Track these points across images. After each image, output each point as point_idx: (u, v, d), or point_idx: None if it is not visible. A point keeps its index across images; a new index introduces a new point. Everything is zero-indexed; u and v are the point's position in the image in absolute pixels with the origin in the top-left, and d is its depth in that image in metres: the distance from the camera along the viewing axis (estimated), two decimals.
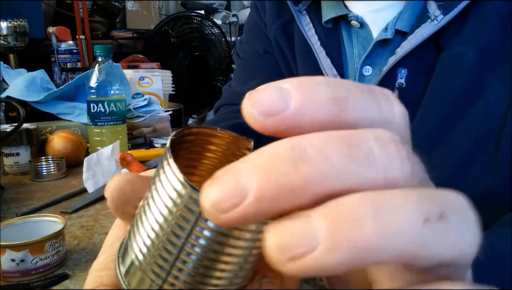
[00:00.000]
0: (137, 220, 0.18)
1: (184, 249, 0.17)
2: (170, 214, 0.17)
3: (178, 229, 0.16)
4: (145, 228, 0.18)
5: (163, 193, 0.17)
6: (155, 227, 0.17)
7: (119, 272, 0.19)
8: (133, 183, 0.21)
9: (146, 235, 0.17)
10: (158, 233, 0.17)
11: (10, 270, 0.47)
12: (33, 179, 0.84)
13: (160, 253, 0.17)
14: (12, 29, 1.46)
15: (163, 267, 0.17)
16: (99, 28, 2.17)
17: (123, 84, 0.97)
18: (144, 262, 0.18)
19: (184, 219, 0.16)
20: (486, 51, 0.47)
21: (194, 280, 0.17)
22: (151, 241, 0.17)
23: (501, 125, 0.47)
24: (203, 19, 2.23)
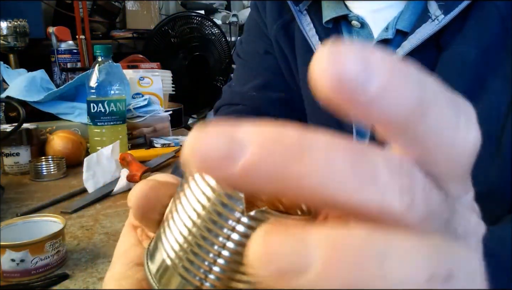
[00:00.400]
0: (169, 220, 0.18)
1: (220, 247, 0.16)
2: (204, 211, 0.17)
3: (213, 225, 0.16)
4: (178, 227, 0.18)
5: (197, 191, 0.17)
6: (188, 225, 0.17)
7: (149, 272, 0.19)
8: (156, 190, 0.20)
9: (178, 233, 0.17)
10: (192, 231, 0.17)
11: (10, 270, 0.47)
12: (33, 179, 0.84)
13: (194, 251, 0.17)
14: (12, 29, 1.46)
15: (197, 265, 0.17)
16: (99, 28, 2.17)
17: (123, 84, 0.97)
18: (177, 261, 0.18)
19: (220, 216, 0.16)
20: (487, 51, 0.47)
21: (228, 277, 0.17)
22: (184, 239, 0.17)
23: (502, 125, 0.47)
24: (203, 19, 2.23)
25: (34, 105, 1.06)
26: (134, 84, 1.21)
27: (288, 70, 0.66)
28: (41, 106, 1.07)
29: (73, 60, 1.60)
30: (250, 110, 0.65)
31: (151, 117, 1.14)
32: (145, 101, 1.16)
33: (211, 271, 0.17)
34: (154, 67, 1.46)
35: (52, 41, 1.57)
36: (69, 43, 1.61)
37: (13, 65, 1.51)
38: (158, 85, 1.26)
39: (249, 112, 0.65)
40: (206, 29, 2.23)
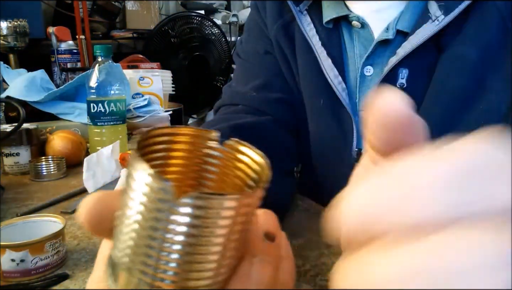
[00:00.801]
0: (118, 225, 0.19)
1: (165, 241, 0.17)
2: (146, 210, 0.17)
3: (155, 222, 0.17)
4: (126, 230, 0.18)
5: (136, 192, 0.17)
6: (134, 227, 0.18)
7: (110, 277, 0.19)
8: (104, 200, 0.21)
9: (128, 237, 0.18)
10: (139, 232, 0.17)
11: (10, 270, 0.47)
12: (33, 179, 0.84)
13: (143, 251, 0.17)
14: (12, 29, 1.46)
15: (149, 264, 0.17)
16: (99, 28, 2.17)
17: (123, 84, 0.97)
18: (130, 263, 0.18)
19: (159, 211, 0.17)
20: (487, 51, 0.47)
21: (181, 270, 0.17)
22: (134, 242, 0.18)
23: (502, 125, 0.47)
24: (203, 19, 2.23)
25: (34, 105, 1.06)
26: (134, 84, 1.21)
27: (288, 70, 0.66)
28: (41, 106, 1.07)
29: (73, 60, 1.60)
30: (250, 110, 0.65)
31: (151, 117, 1.14)
32: (145, 101, 1.16)
33: (166, 269, 0.17)
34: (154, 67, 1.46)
35: (52, 41, 1.57)
36: (69, 43, 1.61)
37: (13, 65, 1.51)
38: (158, 85, 1.26)
39: (249, 112, 0.65)
40: (206, 29, 2.23)
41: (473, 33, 0.48)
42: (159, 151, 0.22)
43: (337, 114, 0.61)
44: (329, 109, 0.61)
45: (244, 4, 2.67)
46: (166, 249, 0.17)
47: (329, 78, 0.58)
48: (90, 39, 1.81)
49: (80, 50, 1.69)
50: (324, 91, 0.61)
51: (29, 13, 1.59)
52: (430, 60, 0.51)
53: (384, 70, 0.53)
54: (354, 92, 0.59)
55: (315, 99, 0.62)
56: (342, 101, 0.58)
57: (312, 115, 0.65)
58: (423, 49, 0.50)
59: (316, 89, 0.62)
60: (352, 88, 0.59)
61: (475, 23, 0.48)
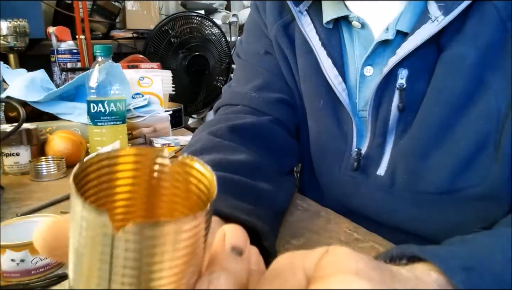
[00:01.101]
0: (70, 255, 0.19)
1: (113, 272, 0.17)
2: (90, 243, 0.17)
3: (101, 254, 0.17)
4: (75, 265, 0.18)
5: (78, 227, 0.18)
6: (84, 261, 0.18)
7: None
8: (58, 227, 0.21)
9: (79, 272, 0.18)
10: (88, 263, 0.18)
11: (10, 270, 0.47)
12: (33, 179, 0.84)
13: (96, 282, 0.18)
14: (12, 29, 1.46)
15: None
16: (99, 28, 2.17)
17: (123, 84, 0.97)
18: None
19: (102, 244, 0.17)
20: (487, 51, 0.47)
21: None
22: (86, 273, 0.18)
23: (501, 126, 0.47)
24: (203, 19, 2.23)
25: (34, 105, 1.06)
26: (134, 84, 1.21)
27: (288, 71, 0.66)
28: (41, 106, 1.07)
29: (73, 60, 1.60)
30: (250, 110, 0.65)
31: (151, 117, 1.14)
32: (145, 101, 1.15)
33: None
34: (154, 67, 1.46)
35: (52, 41, 1.57)
36: (69, 43, 1.61)
37: (13, 65, 1.51)
38: (158, 85, 1.26)
39: (249, 112, 0.65)
40: (206, 29, 2.23)
41: (472, 34, 0.48)
42: (102, 180, 0.22)
43: (337, 114, 0.61)
44: (329, 109, 0.61)
45: (244, 4, 2.66)
46: (117, 280, 0.17)
47: (329, 78, 0.58)
48: (90, 39, 1.81)
49: (80, 50, 1.69)
50: (324, 91, 0.61)
51: (29, 13, 1.59)
52: (429, 60, 0.51)
53: (383, 71, 0.53)
54: (354, 92, 0.59)
55: (315, 99, 0.62)
56: (342, 101, 0.58)
57: (312, 115, 0.65)
58: (423, 49, 0.50)
59: (316, 89, 0.62)
60: (352, 88, 0.59)
61: (475, 23, 0.48)
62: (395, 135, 0.55)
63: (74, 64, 1.60)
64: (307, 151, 0.68)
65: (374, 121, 0.56)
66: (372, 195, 0.58)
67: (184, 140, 1.10)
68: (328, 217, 0.58)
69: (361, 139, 0.59)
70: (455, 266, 0.27)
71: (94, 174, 0.22)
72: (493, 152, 0.47)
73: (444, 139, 0.50)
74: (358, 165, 0.58)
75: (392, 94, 0.54)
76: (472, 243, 0.32)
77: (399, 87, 0.53)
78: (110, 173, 0.23)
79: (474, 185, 0.48)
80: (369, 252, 0.48)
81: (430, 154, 0.51)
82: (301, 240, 0.50)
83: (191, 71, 2.19)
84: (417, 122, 0.52)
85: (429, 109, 0.51)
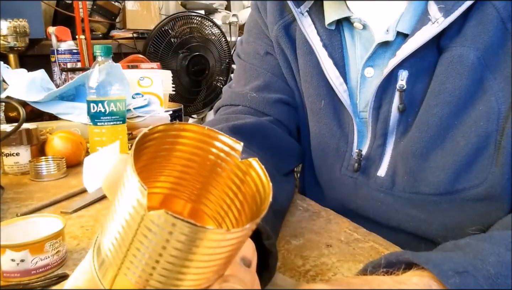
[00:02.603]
0: (108, 217, 0.19)
1: (131, 247, 0.18)
2: (131, 220, 0.18)
3: (140, 236, 0.17)
4: (112, 227, 0.19)
5: (124, 195, 0.18)
6: (119, 230, 0.18)
7: (93, 264, 0.20)
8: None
9: (113, 235, 0.19)
10: (123, 236, 0.18)
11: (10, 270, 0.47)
12: (33, 179, 0.84)
13: (128, 255, 0.18)
14: (12, 29, 1.46)
15: (136, 265, 0.18)
16: (99, 28, 2.17)
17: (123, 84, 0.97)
18: (111, 256, 0.19)
19: (132, 219, 0.17)
20: (487, 52, 0.47)
21: (146, 273, 0.18)
22: (117, 242, 0.18)
23: (501, 126, 0.47)
24: (203, 19, 2.23)
25: (34, 105, 1.06)
26: (134, 84, 1.21)
27: (289, 71, 0.66)
28: (41, 106, 1.07)
29: (73, 60, 1.60)
30: (250, 110, 0.65)
31: (151, 117, 1.14)
32: (145, 101, 1.15)
33: (134, 266, 0.18)
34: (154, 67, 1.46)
35: (52, 41, 1.57)
36: (69, 43, 1.61)
37: (13, 65, 1.51)
38: (158, 85, 1.26)
39: (249, 112, 0.65)
40: (206, 29, 2.23)
41: (472, 35, 0.48)
42: (161, 150, 0.22)
43: (338, 115, 0.61)
44: (330, 109, 0.61)
45: (244, 4, 2.67)
46: (131, 255, 0.17)
47: (330, 79, 0.58)
48: (90, 39, 1.81)
49: (80, 50, 1.69)
50: (325, 92, 0.61)
51: (29, 13, 1.59)
52: (429, 62, 0.51)
53: (383, 72, 0.53)
54: (354, 93, 0.59)
55: (316, 100, 0.62)
56: (343, 102, 0.59)
57: (312, 116, 0.65)
58: (423, 51, 0.50)
59: (317, 90, 0.62)
60: (353, 89, 0.59)
61: (475, 24, 0.48)
62: (396, 136, 0.55)
63: (74, 64, 1.60)
64: (307, 152, 0.68)
65: (374, 122, 0.56)
66: (372, 196, 0.58)
67: None
68: (328, 217, 0.58)
69: (362, 140, 0.59)
70: (448, 270, 0.28)
71: (154, 141, 0.22)
72: (493, 153, 0.47)
73: (444, 140, 0.50)
74: (359, 166, 0.58)
75: (393, 95, 0.54)
76: (466, 247, 0.32)
77: (399, 88, 0.53)
78: (168, 149, 0.22)
79: (474, 186, 0.48)
80: (369, 252, 0.48)
81: (430, 155, 0.51)
82: (301, 240, 0.50)
83: (191, 71, 2.19)
84: (417, 123, 0.52)
85: (429, 110, 0.51)
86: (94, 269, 0.20)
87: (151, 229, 0.17)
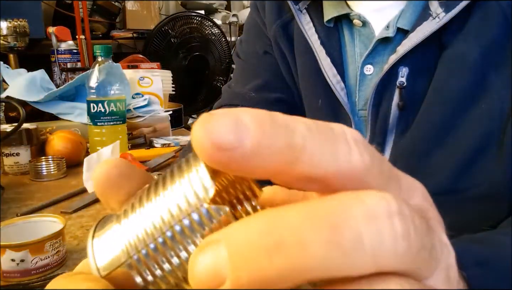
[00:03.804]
0: (136, 206, 0.18)
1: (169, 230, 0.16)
2: (173, 202, 0.16)
3: (188, 230, 0.16)
4: (146, 217, 0.17)
5: (182, 180, 0.16)
6: (154, 219, 0.16)
7: (92, 254, 0.18)
8: (120, 168, 0.20)
9: (146, 223, 0.17)
10: (157, 227, 0.16)
11: (10, 270, 0.47)
12: (33, 179, 0.84)
13: (156, 246, 0.16)
14: (12, 29, 1.46)
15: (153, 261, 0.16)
16: (99, 28, 2.17)
17: (123, 84, 0.97)
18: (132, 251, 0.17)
19: (185, 204, 0.16)
20: (490, 49, 0.47)
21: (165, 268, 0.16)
22: (151, 231, 0.17)
23: (504, 125, 0.46)
24: (203, 19, 2.23)
25: (34, 105, 1.06)
26: (134, 84, 1.21)
27: (287, 70, 0.66)
28: (41, 106, 1.07)
29: (73, 60, 1.60)
30: None
31: (151, 117, 1.14)
32: (145, 101, 1.16)
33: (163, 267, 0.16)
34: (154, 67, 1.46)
35: (52, 41, 1.57)
36: (69, 43, 1.61)
37: (13, 65, 1.51)
38: (158, 85, 1.26)
39: None
40: (206, 29, 2.23)
41: (475, 32, 0.48)
42: None
43: (336, 114, 0.61)
44: (328, 108, 0.61)
45: (244, 4, 2.67)
46: (164, 239, 0.16)
47: (327, 77, 0.58)
48: (90, 39, 1.81)
49: (80, 50, 1.69)
50: (323, 91, 0.61)
51: (29, 13, 1.59)
52: (431, 59, 0.51)
53: (383, 69, 0.53)
54: (353, 92, 0.59)
55: (314, 99, 0.62)
56: (340, 101, 0.58)
57: (311, 115, 0.64)
58: (424, 47, 0.50)
59: (314, 89, 0.62)
60: (351, 88, 0.59)
61: (478, 21, 0.47)
62: (395, 134, 0.55)
63: (74, 64, 1.60)
64: None
65: (374, 120, 0.56)
66: None
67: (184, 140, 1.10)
68: None
69: None
70: (468, 259, 0.27)
71: None
72: (496, 151, 0.47)
73: (445, 138, 0.50)
74: None
75: (392, 93, 0.53)
76: (483, 240, 0.32)
77: (399, 85, 0.52)
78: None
79: (476, 185, 0.48)
80: None
81: (431, 154, 0.51)
82: None
83: (191, 71, 2.19)
84: (418, 121, 0.52)
85: (430, 108, 0.50)
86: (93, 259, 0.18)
87: (201, 221, 0.16)
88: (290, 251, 0.12)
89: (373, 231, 0.12)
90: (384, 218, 0.13)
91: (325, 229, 0.12)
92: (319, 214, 0.13)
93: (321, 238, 0.12)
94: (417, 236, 0.13)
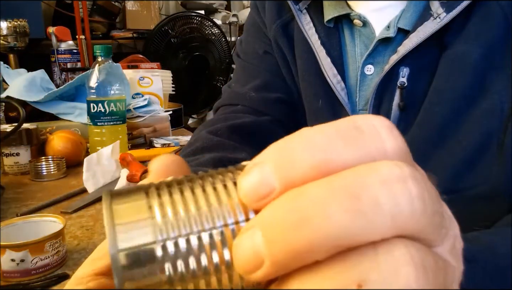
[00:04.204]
0: (176, 192, 0.17)
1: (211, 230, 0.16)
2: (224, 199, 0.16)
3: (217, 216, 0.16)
4: (189, 192, 0.17)
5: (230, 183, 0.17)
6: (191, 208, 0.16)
7: (112, 224, 0.16)
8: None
9: (179, 210, 0.16)
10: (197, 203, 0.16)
11: (10, 270, 0.47)
12: (33, 179, 0.84)
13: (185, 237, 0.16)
14: (12, 29, 1.46)
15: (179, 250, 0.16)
16: (99, 28, 2.17)
17: (123, 84, 0.97)
18: (163, 235, 0.16)
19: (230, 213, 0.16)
20: (490, 49, 0.47)
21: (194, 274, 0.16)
22: (181, 218, 0.16)
23: (505, 125, 0.46)
24: (203, 19, 2.23)
25: (34, 105, 1.06)
26: (134, 84, 1.21)
27: (287, 70, 0.66)
28: (41, 106, 1.07)
29: (73, 60, 1.60)
30: (249, 110, 0.65)
31: (151, 117, 1.14)
32: (145, 101, 1.16)
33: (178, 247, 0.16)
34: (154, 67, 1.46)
35: (52, 41, 1.57)
36: (69, 43, 1.61)
37: (13, 65, 1.51)
38: (158, 85, 1.26)
39: (248, 112, 0.65)
40: (206, 29, 2.23)
41: (476, 32, 0.47)
42: None
43: (336, 114, 0.61)
44: (328, 109, 0.61)
45: (244, 4, 2.66)
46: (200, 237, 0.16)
47: (328, 77, 0.58)
48: (90, 39, 1.81)
49: (80, 50, 1.69)
50: (323, 91, 0.60)
51: (29, 13, 1.59)
52: (431, 59, 0.51)
53: (384, 69, 0.53)
54: (353, 92, 0.59)
55: (314, 99, 0.62)
56: (341, 101, 0.58)
57: (311, 115, 0.64)
58: (425, 48, 0.50)
59: (315, 89, 0.62)
60: (352, 88, 0.59)
61: (478, 21, 0.47)
62: None
63: (74, 64, 1.60)
64: None
65: None
66: None
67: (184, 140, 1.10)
68: None
69: None
70: None
71: None
72: (496, 152, 0.47)
73: (446, 139, 0.50)
74: None
75: (393, 93, 0.53)
76: (474, 239, 0.32)
77: (400, 86, 0.52)
78: None
79: (477, 185, 0.48)
80: None
81: (432, 154, 0.51)
82: None
83: (191, 71, 2.19)
84: (418, 122, 0.52)
85: (431, 108, 0.50)
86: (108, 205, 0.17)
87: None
88: (316, 223, 0.13)
89: (389, 195, 0.13)
90: (398, 182, 0.14)
91: (345, 199, 0.13)
92: (338, 186, 0.14)
93: (342, 207, 0.13)
94: (430, 199, 0.14)
